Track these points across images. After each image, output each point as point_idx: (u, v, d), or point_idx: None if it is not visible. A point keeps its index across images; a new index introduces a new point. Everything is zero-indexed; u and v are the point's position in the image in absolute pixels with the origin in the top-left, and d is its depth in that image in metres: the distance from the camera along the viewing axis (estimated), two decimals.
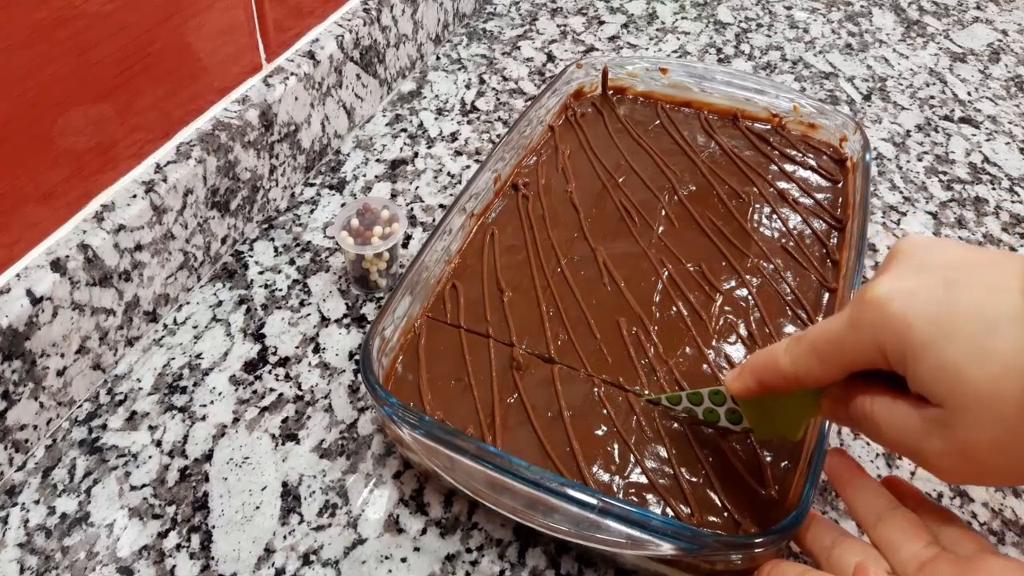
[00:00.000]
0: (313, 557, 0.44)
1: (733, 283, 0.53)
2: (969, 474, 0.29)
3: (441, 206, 0.65)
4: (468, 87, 0.78)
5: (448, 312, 0.51)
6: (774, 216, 0.58)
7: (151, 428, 0.50)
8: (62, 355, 0.48)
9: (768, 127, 0.66)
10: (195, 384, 0.52)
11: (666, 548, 0.36)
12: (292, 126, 0.63)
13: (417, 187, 0.67)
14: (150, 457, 0.48)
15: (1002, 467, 0.28)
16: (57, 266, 0.46)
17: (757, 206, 0.59)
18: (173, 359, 0.53)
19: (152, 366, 0.53)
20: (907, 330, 0.28)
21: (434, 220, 0.64)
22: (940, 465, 0.30)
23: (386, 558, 0.44)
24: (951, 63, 0.84)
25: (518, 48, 0.84)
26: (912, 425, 0.30)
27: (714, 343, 0.49)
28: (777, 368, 0.35)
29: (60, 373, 0.48)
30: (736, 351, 0.49)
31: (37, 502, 0.46)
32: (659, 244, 0.56)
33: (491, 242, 0.55)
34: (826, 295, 0.52)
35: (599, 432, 0.44)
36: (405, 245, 0.62)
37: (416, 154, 0.70)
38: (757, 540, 0.36)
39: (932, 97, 0.79)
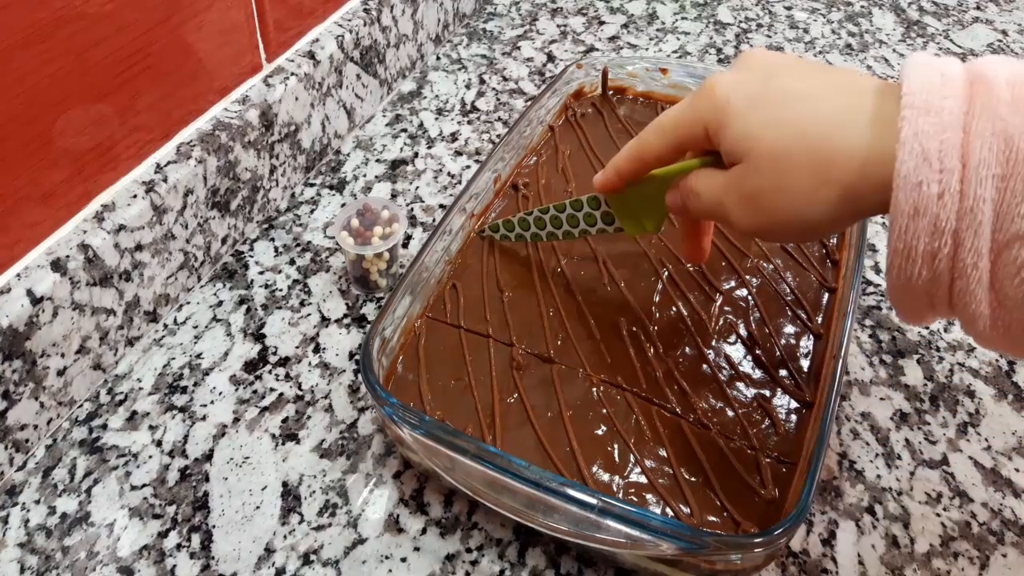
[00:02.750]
0: (313, 557, 0.44)
1: (733, 283, 0.53)
2: (759, 218, 0.35)
3: (441, 206, 0.65)
4: (468, 87, 0.78)
5: (448, 312, 0.51)
6: None
7: (151, 428, 0.50)
8: (62, 355, 0.48)
9: None
10: (195, 384, 0.52)
11: (666, 548, 0.36)
12: (292, 126, 0.63)
13: (417, 187, 0.67)
14: (150, 457, 0.48)
15: (779, 211, 0.34)
16: (57, 266, 0.46)
17: None
18: (173, 359, 0.53)
19: (152, 366, 0.53)
20: (725, 106, 0.36)
21: (434, 220, 0.64)
22: (737, 213, 0.36)
23: (386, 558, 0.44)
24: None
25: (518, 48, 0.84)
26: (718, 183, 0.37)
27: (714, 343, 0.49)
28: (629, 151, 0.42)
29: (60, 373, 0.48)
30: (736, 351, 0.49)
31: (37, 502, 0.46)
32: (659, 244, 0.56)
33: (491, 242, 0.56)
34: (826, 295, 0.52)
35: (599, 432, 0.45)
36: (405, 245, 0.62)
37: (416, 154, 0.70)
38: (757, 540, 0.36)
39: None
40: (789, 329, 0.50)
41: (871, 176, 0.31)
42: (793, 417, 0.45)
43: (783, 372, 0.48)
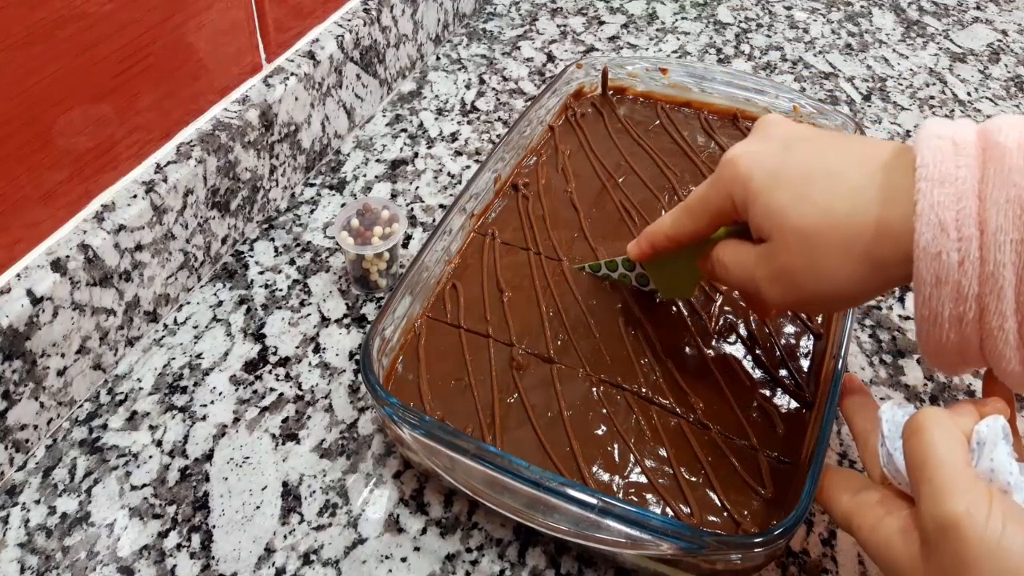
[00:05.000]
0: (313, 557, 0.44)
1: None
2: (790, 295, 0.36)
3: (441, 206, 0.65)
4: (468, 87, 0.78)
5: (448, 312, 0.51)
6: None
7: (151, 428, 0.50)
8: (62, 355, 0.48)
9: None
10: (195, 384, 0.52)
11: (666, 548, 0.36)
12: (292, 126, 0.63)
13: (417, 187, 0.67)
14: (150, 457, 0.48)
15: (811, 287, 0.35)
16: (57, 266, 0.46)
17: None
18: (173, 359, 0.54)
19: (152, 366, 0.53)
20: (749, 180, 0.36)
21: (434, 220, 0.64)
22: (768, 289, 0.37)
23: (386, 558, 0.44)
24: (951, 63, 0.84)
25: (518, 48, 0.84)
26: (748, 258, 0.37)
27: (714, 343, 0.49)
28: (661, 230, 0.43)
29: (60, 373, 0.48)
30: (736, 351, 0.49)
31: (38, 502, 0.46)
32: None
33: (491, 242, 0.56)
34: None
35: (599, 432, 0.45)
36: (405, 245, 0.62)
37: (416, 154, 0.70)
38: (757, 540, 0.36)
39: (932, 97, 0.79)
40: (789, 329, 0.50)
41: (897, 248, 0.32)
42: (793, 417, 0.45)
43: (783, 372, 0.48)
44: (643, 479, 0.42)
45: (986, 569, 0.29)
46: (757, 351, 0.49)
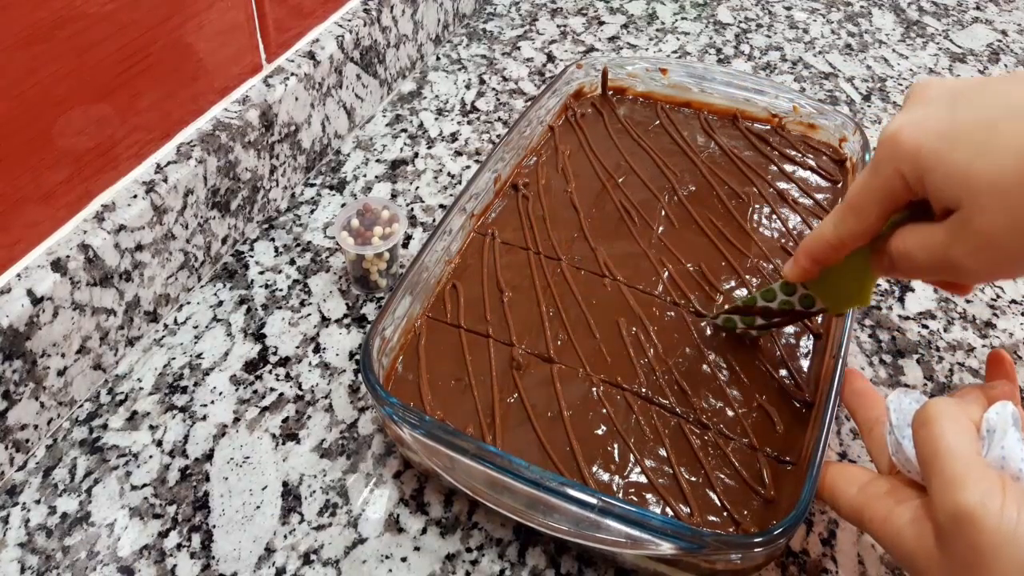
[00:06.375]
0: (313, 556, 0.44)
1: (733, 283, 0.53)
2: (995, 265, 0.32)
3: (441, 206, 0.65)
4: (468, 87, 0.78)
5: (448, 312, 0.51)
6: (774, 216, 0.58)
7: (152, 428, 0.50)
8: (63, 355, 0.48)
9: (768, 127, 0.66)
10: (196, 384, 0.52)
11: (666, 548, 0.36)
12: (292, 126, 0.63)
13: (417, 187, 0.67)
14: (151, 457, 0.48)
15: (1019, 248, 0.30)
16: (58, 266, 0.46)
17: (757, 206, 0.59)
18: (174, 359, 0.54)
19: (153, 366, 0.53)
20: (918, 151, 0.32)
21: (434, 220, 0.64)
22: (968, 265, 0.32)
23: (386, 557, 0.44)
24: (951, 63, 0.84)
25: (518, 48, 0.84)
26: (938, 239, 0.32)
27: (714, 343, 0.49)
28: (824, 239, 0.38)
29: (61, 373, 0.48)
30: (736, 351, 0.49)
31: (38, 502, 0.46)
32: (659, 244, 0.56)
33: (491, 242, 0.56)
34: None
35: (599, 432, 0.45)
36: (405, 245, 0.62)
37: (416, 154, 0.70)
38: (757, 540, 0.36)
39: None
40: (789, 329, 0.50)
41: None
42: (793, 417, 0.45)
43: (783, 372, 0.48)
44: (643, 479, 0.42)
45: (1004, 557, 0.29)
46: (757, 351, 0.49)
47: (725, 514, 0.41)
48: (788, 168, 0.62)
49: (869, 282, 0.40)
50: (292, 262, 0.60)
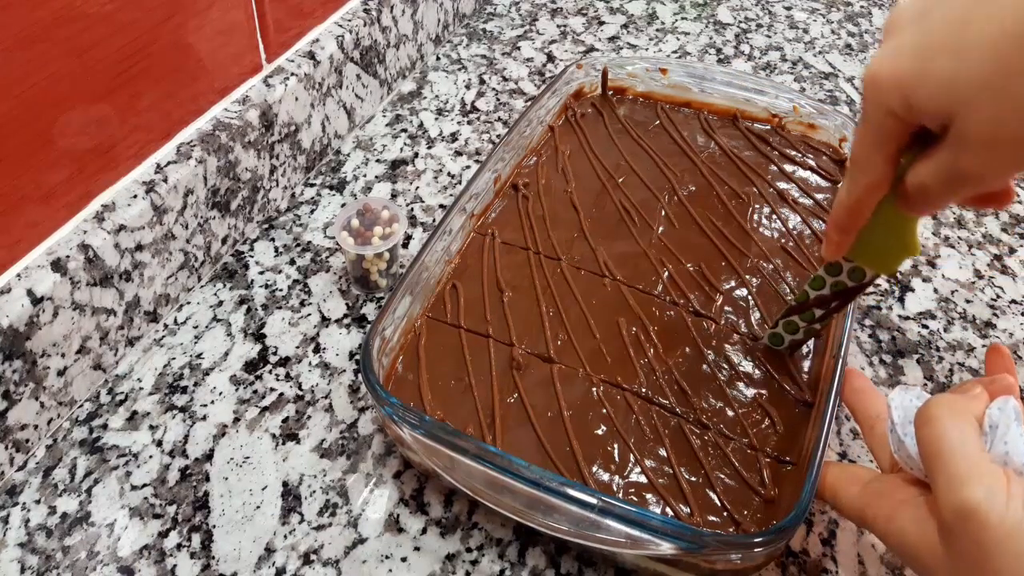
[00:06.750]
0: (313, 556, 0.44)
1: (733, 283, 0.53)
2: (1006, 157, 0.30)
3: (441, 206, 0.65)
4: (468, 87, 0.78)
5: (448, 312, 0.51)
6: (774, 216, 0.58)
7: (152, 428, 0.50)
8: (63, 355, 0.48)
9: (768, 127, 0.66)
10: (196, 384, 0.52)
11: (666, 548, 0.36)
12: (292, 126, 0.63)
13: (417, 187, 0.67)
14: (151, 457, 0.48)
15: (1021, 132, 0.29)
16: (58, 266, 0.46)
17: (757, 206, 0.59)
18: (174, 359, 0.54)
19: (153, 366, 0.53)
20: (898, 80, 0.31)
21: (434, 220, 0.64)
22: (980, 170, 0.31)
23: (386, 557, 0.44)
24: None
25: (518, 48, 0.84)
26: (944, 159, 0.31)
27: (714, 343, 0.49)
28: (842, 204, 0.37)
29: (61, 373, 0.48)
30: (736, 351, 0.49)
31: (38, 502, 0.46)
32: (659, 244, 0.56)
33: (491, 242, 0.56)
34: None
35: (599, 432, 0.45)
36: (405, 245, 0.62)
37: (416, 154, 0.70)
38: (757, 540, 0.36)
39: None
40: None
41: None
42: (793, 417, 0.45)
43: (783, 372, 0.48)
44: (643, 479, 0.42)
45: (1009, 552, 0.29)
46: (757, 351, 0.49)
47: (725, 514, 0.41)
48: (788, 168, 0.62)
49: (910, 232, 0.39)
50: (292, 262, 0.60)
